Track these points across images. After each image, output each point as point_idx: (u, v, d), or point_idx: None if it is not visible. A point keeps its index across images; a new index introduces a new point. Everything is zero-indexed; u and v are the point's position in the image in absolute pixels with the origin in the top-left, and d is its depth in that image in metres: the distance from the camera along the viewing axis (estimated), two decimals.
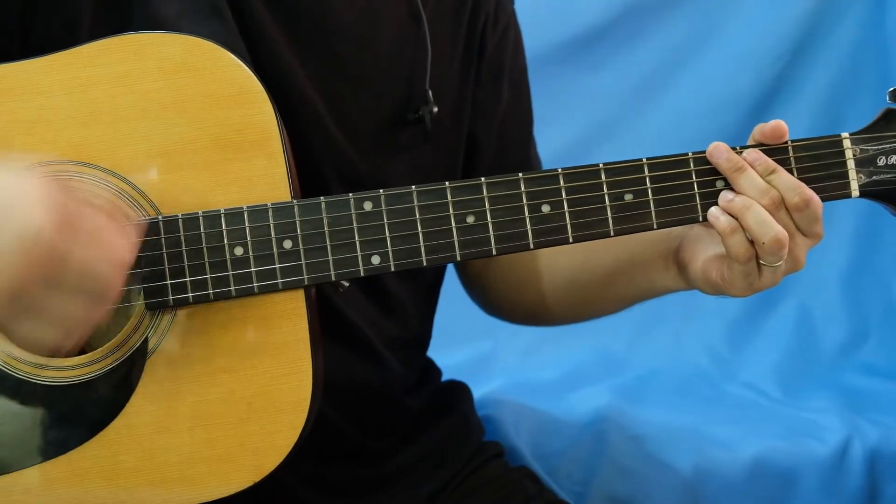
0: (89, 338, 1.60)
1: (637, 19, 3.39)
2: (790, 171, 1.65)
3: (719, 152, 1.64)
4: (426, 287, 2.03)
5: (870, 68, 3.39)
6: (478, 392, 2.39)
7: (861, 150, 1.66)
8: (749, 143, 1.69)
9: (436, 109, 1.85)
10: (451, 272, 2.15)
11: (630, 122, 3.41)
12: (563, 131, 3.33)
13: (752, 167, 1.63)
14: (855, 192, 1.67)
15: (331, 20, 1.79)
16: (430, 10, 1.87)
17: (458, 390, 2.15)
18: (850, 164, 1.66)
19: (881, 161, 1.67)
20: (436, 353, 2.16)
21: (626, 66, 3.41)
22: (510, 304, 2.14)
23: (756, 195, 1.62)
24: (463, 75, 1.95)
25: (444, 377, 2.18)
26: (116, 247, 1.40)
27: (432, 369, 2.16)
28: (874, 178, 1.67)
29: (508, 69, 2.02)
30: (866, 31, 3.39)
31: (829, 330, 3.35)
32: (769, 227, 1.60)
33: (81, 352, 1.55)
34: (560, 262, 2.01)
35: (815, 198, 1.63)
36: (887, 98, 1.67)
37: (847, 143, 1.67)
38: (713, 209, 1.63)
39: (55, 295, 1.35)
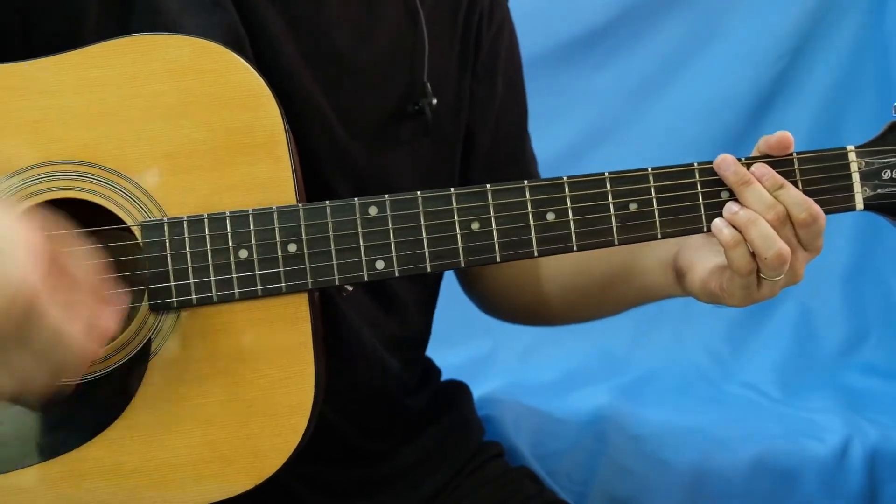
0: None
1: (637, 19, 3.39)
2: (795, 183, 1.65)
3: (726, 164, 1.64)
4: (427, 287, 2.04)
5: (870, 68, 3.39)
6: (478, 392, 2.39)
7: (866, 163, 1.67)
8: (754, 154, 1.68)
9: (435, 101, 1.86)
10: (449, 272, 2.15)
11: (630, 122, 3.41)
12: (564, 131, 3.34)
13: (760, 182, 1.63)
14: (860, 206, 1.67)
15: (329, 13, 1.79)
16: (427, 5, 1.88)
17: (458, 390, 2.16)
18: (856, 177, 1.66)
19: (886, 175, 1.67)
20: (436, 353, 2.16)
21: (626, 66, 3.41)
22: (509, 304, 2.15)
23: (762, 210, 1.62)
24: (460, 70, 1.96)
25: (444, 377, 2.19)
26: (97, 321, 1.37)
27: (432, 369, 2.16)
28: (879, 191, 1.67)
29: (503, 65, 2.03)
30: (866, 31, 3.40)
31: (829, 330, 3.36)
32: (773, 243, 1.60)
33: None
34: (560, 265, 2.02)
35: (822, 214, 1.63)
36: (893, 111, 1.68)
37: (852, 157, 1.66)
38: (717, 221, 1.64)
39: (20, 352, 1.31)
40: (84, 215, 1.52)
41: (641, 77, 3.42)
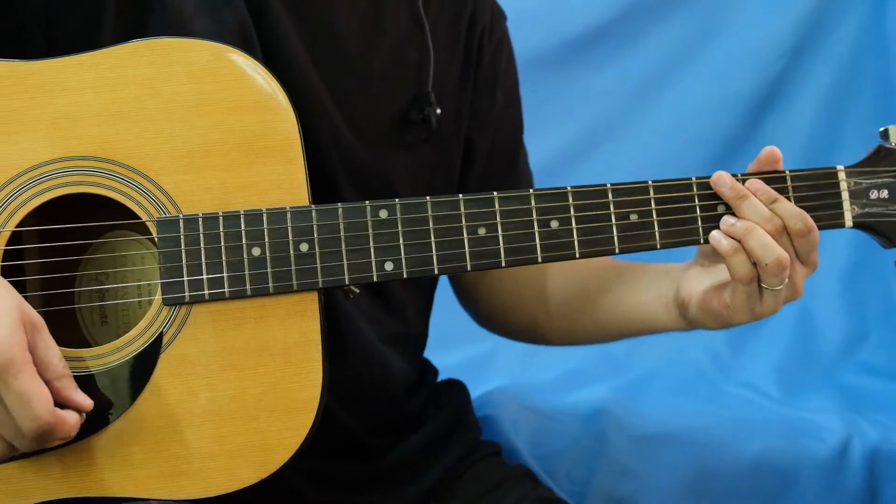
0: (101, 338, 1.62)
1: (637, 19, 3.38)
2: (788, 199, 1.69)
3: (722, 181, 1.68)
4: (425, 286, 2.06)
5: (870, 68, 3.38)
6: (477, 392, 2.39)
7: (855, 182, 1.72)
8: (748, 172, 1.72)
9: (439, 111, 1.89)
10: (445, 282, 2.16)
11: (630, 121, 3.40)
12: (564, 131, 3.33)
13: (755, 196, 1.66)
14: (848, 223, 1.72)
15: (338, 19, 1.82)
16: (431, 17, 1.92)
17: (454, 388, 2.18)
18: (845, 195, 1.71)
19: (873, 194, 1.72)
20: (435, 353, 2.18)
21: (626, 66, 3.40)
22: (502, 323, 2.19)
23: (759, 221, 1.66)
24: (461, 81, 2.00)
25: (444, 377, 2.21)
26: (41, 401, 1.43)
27: (429, 368, 2.18)
28: (866, 210, 1.72)
29: (502, 79, 2.07)
30: (866, 31, 3.39)
31: (829, 330, 3.35)
32: (771, 250, 1.64)
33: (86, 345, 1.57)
34: (555, 287, 2.07)
35: (815, 226, 1.68)
36: (879, 136, 1.74)
37: (842, 176, 1.72)
38: (715, 233, 1.67)
39: None
40: (101, 211, 1.55)
41: (641, 77, 3.41)
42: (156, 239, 1.55)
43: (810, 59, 3.40)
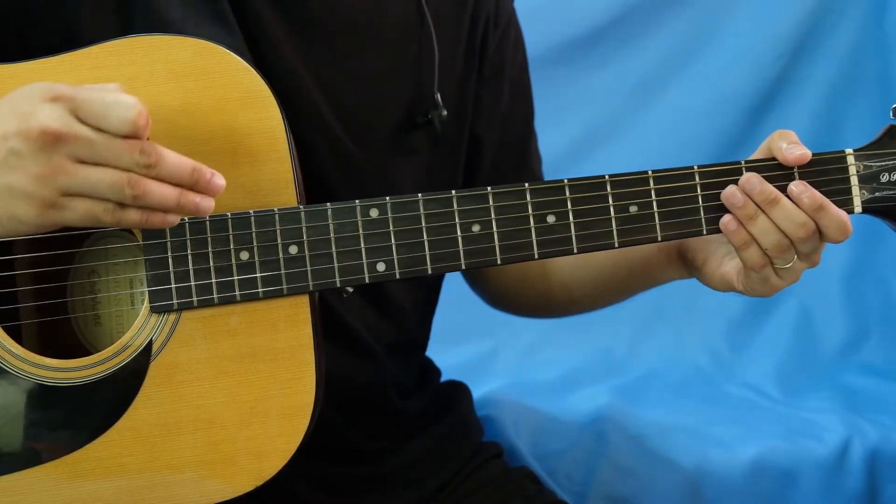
0: (94, 340, 1.62)
1: (637, 19, 3.39)
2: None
3: (752, 185, 1.63)
4: (426, 289, 2.04)
5: (870, 68, 3.38)
6: (478, 392, 2.39)
7: (864, 166, 1.67)
8: (759, 154, 1.68)
9: (445, 113, 1.85)
10: (450, 273, 2.16)
11: (630, 121, 3.41)
12: (563, 131, 3.33)
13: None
14: (857, 209, 1.67)
15: (335, 21, 1.79)
16: (432, 7, 1.87)
17: (458, 391, 2.16)
18: (854, 180, 1.66)
19: (884, 178, 1.67)
20: (436, 353, 2.17)
21: (626, 66, 3.40)
22: (512, 299, 2.16)
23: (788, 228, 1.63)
24: (465, 74, 1.95)
25: (445, 377, 2.19)
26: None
27: (431, 370, 2.17)
28: (877, 194, 1.67)
29: (509, 69, 2.03)
30: (866, 31, 3.39)
31: (829, 330, 3.34)
32: (770, 234, 1.63)
33: (86, 353, 1.56)
34: (562, 259, 2.02)
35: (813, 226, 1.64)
36: (891, 114, 1.67)
37: (851, 160, 1.66)
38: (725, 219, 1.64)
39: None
40: None
41: (641, 77, 3.41)
42: (142, 245, 1.54)
43: (810, 59, 3.40)
